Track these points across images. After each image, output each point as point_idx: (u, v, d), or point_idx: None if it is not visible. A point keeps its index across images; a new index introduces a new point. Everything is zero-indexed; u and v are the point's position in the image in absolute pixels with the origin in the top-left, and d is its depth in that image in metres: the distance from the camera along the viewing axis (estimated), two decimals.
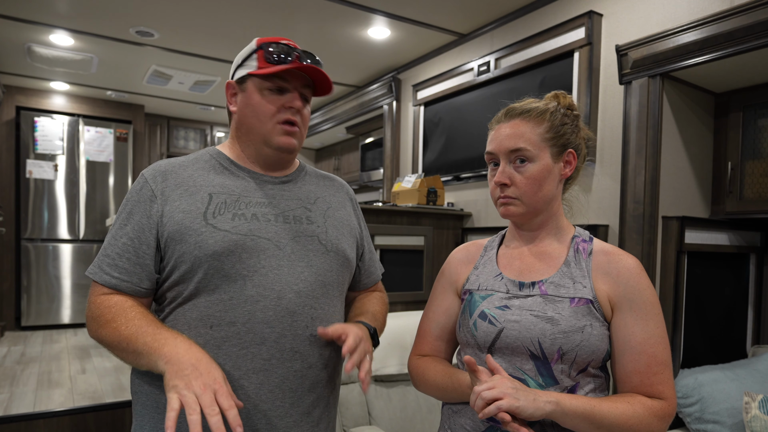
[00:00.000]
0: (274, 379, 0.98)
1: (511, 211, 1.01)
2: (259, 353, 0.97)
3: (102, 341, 0.96)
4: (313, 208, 1.11)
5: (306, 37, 3.29)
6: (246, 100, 1.05)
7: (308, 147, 5.91)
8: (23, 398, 2.69)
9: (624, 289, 0.95)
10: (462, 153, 3.14)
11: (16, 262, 4.71)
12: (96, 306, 0.97)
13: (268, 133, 1.05)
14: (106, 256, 0.99)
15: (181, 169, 1.05)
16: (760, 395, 1.83)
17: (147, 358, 0.89)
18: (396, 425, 2.04)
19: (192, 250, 0.96)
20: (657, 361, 0.92)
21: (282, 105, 1.04)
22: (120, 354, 0.94)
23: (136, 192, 1.02)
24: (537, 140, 0.99)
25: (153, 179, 1.02)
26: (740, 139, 2.22)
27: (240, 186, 1.06)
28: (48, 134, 4.82)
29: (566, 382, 0.93)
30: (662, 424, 0.91)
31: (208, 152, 1.11)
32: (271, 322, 0.98)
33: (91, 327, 0.97)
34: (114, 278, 0.97)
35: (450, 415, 1.05)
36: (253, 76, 1.05)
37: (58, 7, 2.95)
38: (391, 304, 2.60)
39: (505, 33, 2.87)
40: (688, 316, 2.14)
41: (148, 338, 0.90)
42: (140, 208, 1.00)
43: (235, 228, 0.99)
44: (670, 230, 2.08)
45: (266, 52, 1.03)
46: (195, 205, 1.00)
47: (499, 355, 0.97)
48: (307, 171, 1.19)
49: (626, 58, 2.15)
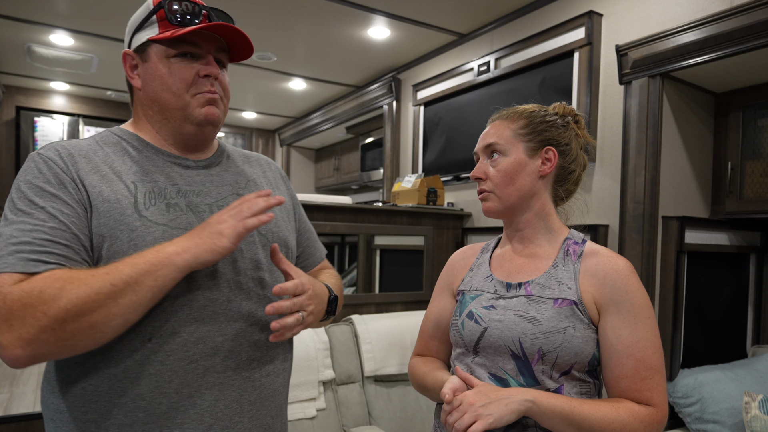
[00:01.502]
0: (231, 393, 0.85)
1: (488, 207, 1.05)
2: (212, 366, 0.84)
3: (64, 313, 0.70)
4: (246, 192, 0.96)
5: (306, 37, 3.29)
6: (151, 72, 0.89)
7: (308, 147, 5.91)
8: (23, 398, 2.69)
9: (610, 291, 0.94)
10: (462, 153, 3.14)
11: None
12: (23, 289, 0.70)
13: (186, 106, 0.89)
14: (26, 244, 0.74)
15: (89, 151, 0.86)
16: (760, 395, 1.83)
17: (151, 275, 0.73)
18: (396, 425, 2.04)
19: (126, 249, 0.79)
20: (645, 366, 0.90)
21: (196, 73, 0.88)
22: (100, 311, 0.71)
23: (39, 172, 0.80)
24: (509, 135, 1.03)
25: (59, 159, 0.82)
26: (740, 139, 2.22)
27: (162, 172, 0.89)
28: (48, 134, 4.81)
29: (548, 383, 0.93)
30: (649, 430, 0.89)
31: (113, 133, 0.92)
32: (223, 330, 0.85)
33: (30, 315, 0.69)
34: (45, 263, 0.74)
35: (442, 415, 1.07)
36: (156, 42, 0.88)
37: (58, 7, 2.95)
38: (391, 304, 2.62)
39: (505, 33, 2.87)
40: (688, 316, 2.14)
41: (136, 259, 0.74)
42: (56, 190, 0.79)
43: (172, 221, 0.84)
44: (670, 230, 2.08)
45: (168, 11, 0.87)
46: (121, 194, 0.83)
47: (483, 355, 0.98)
48: (228, 152, 1.03)
49: (626, 58, 2.15)
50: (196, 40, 0.89)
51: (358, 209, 2.60)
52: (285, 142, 5.73)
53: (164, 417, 0.81)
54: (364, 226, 2.62)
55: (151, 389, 0.81)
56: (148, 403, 0.81)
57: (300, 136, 5.36)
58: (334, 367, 2.00)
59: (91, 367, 0.81)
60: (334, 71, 3.94)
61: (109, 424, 0.80)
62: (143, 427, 0.81)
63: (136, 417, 0.81)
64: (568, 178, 1.08)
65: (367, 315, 2.27)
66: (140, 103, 0.93)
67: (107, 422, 0.80)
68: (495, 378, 0.96)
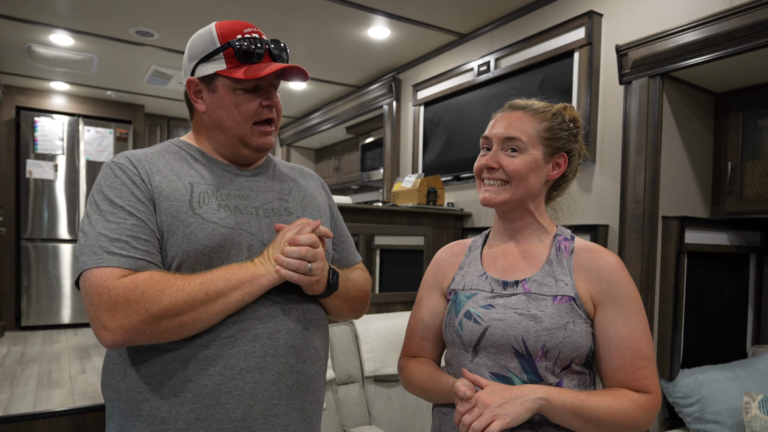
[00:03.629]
0: (270, 376, 0.93)
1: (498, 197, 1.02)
2: (253, 351, 0.92)
3: (162, 312, 0.83)
4: (290, 198, 1.08)
5: (306, 37, 3.29)
6: (218, 101, 0.99)
7: (308, 147, 5.91)
8: (23, 398, 2.69)
9: (606, 286, 0.97)
10: (462, 153, 3.14)
11: (16, 262, 4.71)
12: (127, 286, 0.83)
13: (246, 135, 1.00)
14: (115, 240, 0.86)
15: (153, 157, 0.99)
16: (760, 395, 1.83)
17: (239, 290, 0.88)
18: (396, 425, 2.04)
19: (180, 244, 0.90)
20: (641, 356, 0.94)
21: (259, 105, 0.99)
22: (192, 313, 0.85)
23: (116, 176, 0.93)
24: (533, 135, 1.02)
25: (130, 164, 0.95)
26: (740, 139, 2.22)
27: (216, 177, 1.00)
28: (48, 134, 4.82)
29: (550, 379, 0.94)
30: (649, 416, 0.94)
31: (173, 143, 1.05)
32: (263, 318, 0.94)
33: (134, 309, 0.82)
34: (136, 259, 0.86)
35: (440, 417, 1.06)
36: (224, 77, 0.98)
37: (58, 7, 2.95)
38: (391, 304, 2.62)
39: (505, 33, 2.87)
40: (688, 316, 2.14)
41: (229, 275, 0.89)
42: (132, 190, 0.92)
43: (222, 220, 0.94)
44: (670, 230, 2.08)
45: (236, 50, 0.97)
46: (179, 192, 0.94)
47: (484, 354, 0.98)
48: (275, 163, 1.15)
49: (626, 58, 2.15)
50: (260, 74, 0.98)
51: (358, 209, 2.60)
52: (285, 142, 5.73)
53: (209, 397, 0.89)
54: (364, 226, 2.62)
55: (198, 371, 0.89)
56: (195, 385, 0.89)
57: (300, 136, 5.36)
58: (334, 367, 2.00)
59: (145, 351, 0.91)
60: (334, 71, 3.94)
61: (161, 403, 0.89)
62: (191, 406, 0.89)
63: (185, 397, 0.89)
64: (562, 185, 1.11)
65: (367, 315, 2.27)
66: (202, 124, 1.04)
67: (159, 401, 0.89)
68: (498, 377, 0.96)
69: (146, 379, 0.90)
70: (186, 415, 0.89)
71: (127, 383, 0.92)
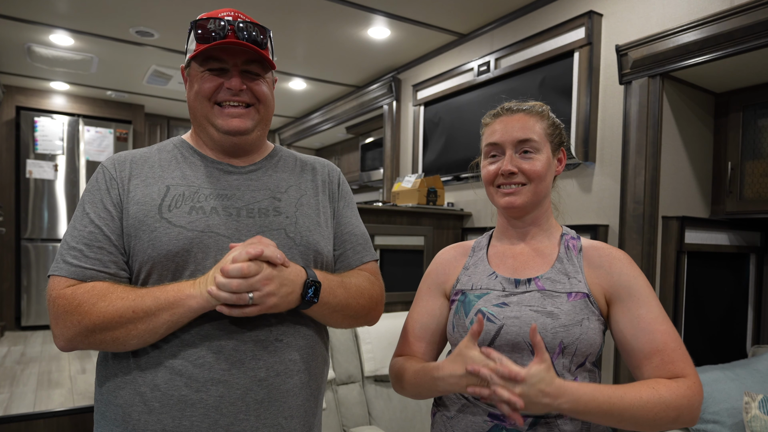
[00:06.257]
0: (236, 390, 0.88)
1: (521, 201, 1.01)
2: (217, 363, 0.87)
3: (93, 326, 0.84)
4: (284, 197, 1.02)
5: (306, 37, 3.29)
6: (191, 85, 1.00)
7: (308, 147, 5.91)
8: (23, 398, 2.69)
9: (619, 279, 0.97)
10: (462, 153, 3.14)
11: (16, 262, 4.71)
12: (67, 297, 0.85)
13: (210, 115, 0.98)
14: (72, 249, 0.89)
15: (142, 159, 0.99)
16: (760, 395, 1.83)
17: (167, 311, 0.83)
18: (396, 425, 2.04)
19: (146, 249, 0.89)
20: (672, 338, 0.92)
21: (218, 86, 0.96)
22: (121, 330, 0.84)
23: (96, 181, 0.96)
24: (542, 134, 1.03)
25: (113, 167, 0.97)
26: (740, 139, 2.22)
27: (201, 177, 0.98)
28: (48, 134, 4.82)
29: (566, 376, 0.93)
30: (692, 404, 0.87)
31: (172, 142, 1.05)
32: (228, 329, 0.88)
33: (69, 320, 0.84)
34: (84, 269, 0.88)
35: (445, 422, 1.03)
36: (193, 60, 0.98)
37: (58, 7, 2.95)
38: (391, 304, 2.62)
39: (505, 33, 2.87)
40: (688, 316, 2.14)
41: (159, 294, 0.85)
42: (102, 196, 0.93)
43: (191, 224, 0.91)
44: (670, 230, 2.08)
45: (198, 31, 0.96)
46: (150, 197, 0.93)
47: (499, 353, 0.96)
48: (281, 156, 1.09)
49: (626, 58, 2.15)
50: (221, 55, 0.96)
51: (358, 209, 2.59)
52: (285, 142, 5.73)
53: (176, 408, 0.87)
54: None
55: (166, 381, 0.88)
56: (163, 394, 0.88)
57: (300, 136, 5.36)
58: (334, 367, 2.00)
59: (123, 357, 0.91)
60: (334, 71, 3.94)
61: (132, 410, 0.88)
62: (158, 416, 0.88)
63: (153, 406, 0.88)
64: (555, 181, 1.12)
65: None
66: (190, 114, 1.03)
67: (131, 408, 0.89)
68: None
69: (121, 384, 0.89)
70: (153, 425, 0.87)
71: (107, 386, 0.92)
